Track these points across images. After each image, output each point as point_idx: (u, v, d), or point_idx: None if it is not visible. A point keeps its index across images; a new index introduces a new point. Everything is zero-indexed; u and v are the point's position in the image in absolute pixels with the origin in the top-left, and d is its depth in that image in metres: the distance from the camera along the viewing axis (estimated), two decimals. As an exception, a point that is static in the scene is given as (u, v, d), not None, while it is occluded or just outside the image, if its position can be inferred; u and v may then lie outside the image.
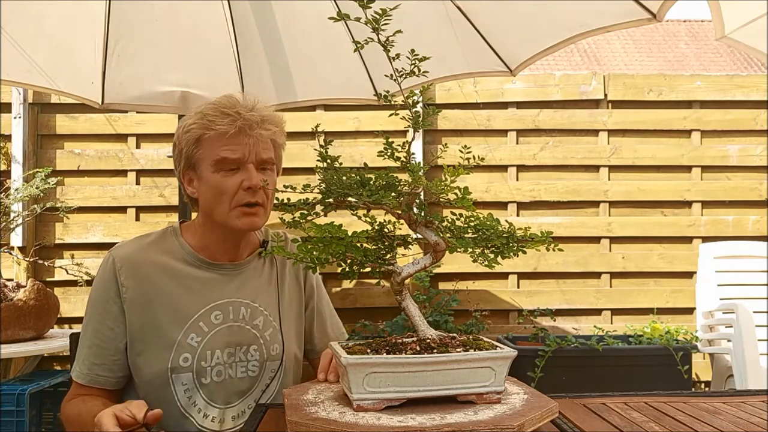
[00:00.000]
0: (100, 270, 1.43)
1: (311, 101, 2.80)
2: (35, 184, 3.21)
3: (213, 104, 1.41)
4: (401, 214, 1.05)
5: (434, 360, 0.96)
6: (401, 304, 1.09)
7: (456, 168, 1.04)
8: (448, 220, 1.06)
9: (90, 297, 1.44)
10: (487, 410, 0.95)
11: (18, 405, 2.64)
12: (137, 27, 2.40)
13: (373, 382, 0.95)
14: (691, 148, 3.78)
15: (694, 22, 13.23)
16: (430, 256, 1.07)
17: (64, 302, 3.39)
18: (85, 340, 1.42)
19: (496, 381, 0.99)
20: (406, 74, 1.04)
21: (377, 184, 1.03)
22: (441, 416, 0.92)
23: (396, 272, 1.07)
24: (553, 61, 11.12)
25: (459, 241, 1.01)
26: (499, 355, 1.00)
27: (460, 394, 0.98)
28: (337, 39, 2.42)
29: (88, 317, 1.43)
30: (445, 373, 0.97)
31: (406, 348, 1.01)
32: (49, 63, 2.31)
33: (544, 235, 1.04)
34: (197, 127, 1.40)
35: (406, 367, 0.96)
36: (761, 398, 1.16)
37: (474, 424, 0.89)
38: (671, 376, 3.05)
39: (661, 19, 1.81)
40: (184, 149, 1.42)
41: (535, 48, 2.16)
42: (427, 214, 1.05)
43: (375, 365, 0.95)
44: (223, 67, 2.58)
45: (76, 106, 3.55)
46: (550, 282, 3.72)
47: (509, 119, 3.76)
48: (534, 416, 0.94)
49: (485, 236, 1.03)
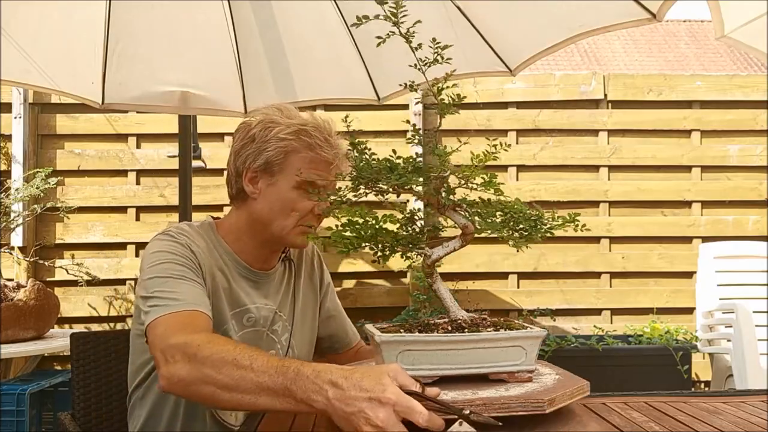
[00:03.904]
0: (170, 242, 1.34)
1: (311, 101, 2.80)
2: (35, 184, 3.21)
3: (315, 125, 1.41)
4: (429, 198, 1.07)
5: (466, 338, 0.98)
6: (432, 286, 1.11)
7: (485, 154, 1.07)
8: (477, 203, 1.08)
9: (161, 256, 1.31)
10: (519, 387, 0.97)
11: (18, 405, 2.65)
12: (137, 27, 2.40)
13: (406, 359, 0.97)
14: (691, 148, 3.78)
15: (694, 22, 13.23)
16: (459, 239, 1.09)
17: (64, 302, 3.39)
18: (175, 285, 1.26)
19: (527, 360, 1.01)
20: (430, 63, 1.07)
21: (406, 169, 1.05)
22: (473, 392, 0.94)
23: (427, 255, 1.09)
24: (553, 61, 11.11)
25: (488, 223, 1.03)
26: (530, 334, 1.02)
27: (492, 372, 1.00)
28: (337, 39, 2.42)
29: (167, 269, 1.29)
30: (476, 351, 0.98)
31: (438, 328, 1.03)
32: (49, 63, 2.31)
33: (571, 217, 1.06)
34: (297, 142, 1.38)
35: (438, 345, 0.97)
36: (761, 398, 1.16)
37: (505, 398, 0.90)
38: (671, 376, 3.05)
39: (661, 19, 1.81)
40: (270, 153, 1.38)
41: (535, 48, 2.17)
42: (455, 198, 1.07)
43: (408, 343, 0.97)
44: (223, 67, 2.58)
45: (77, 106, 3.55)
46: (550, 282, 3.72)
47: (509, 119, 3.76)
48: (565, 392, 0.95)
49: (513, 219, 1.05)
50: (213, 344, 1.08)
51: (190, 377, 1.06)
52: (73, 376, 1.62)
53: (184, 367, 1.07)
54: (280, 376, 0.97)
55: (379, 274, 3.70)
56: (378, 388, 0.87)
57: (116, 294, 3.67)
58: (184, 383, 1.07)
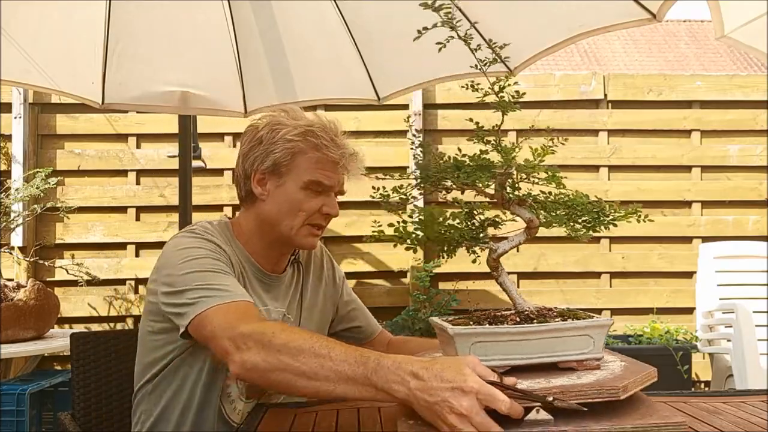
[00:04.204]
0: (200, 239, 1.35)
1: (311, 101, 2.80)
2: (35, 184, 3.21)
3: (321, 125, 1.42)
4: (494, 194, 1.11)
5: (536, 329, 1.01)
6: (497, 280, 1.15)
7: (543, 148, 1.13)
8: (540, 197, 1.13)
9: (194, 252, 1.31)
10: (589, 375, 0.99)
11: (18, 405, 2.65)
12: (137, 27, 2.40)
13: (478, 350, 1.00)
14: (691, 148, 3.78)
15: (694, 22, 13.22)
16: (524, 232, 1.12)
17: (64, 302, 3.39)
18: (218, 278, 1.27)
19: (594, 348, 1.03)
20: (490, 62, 1.12)
21: (471, 166, 1.10)
22: (546, 380, 0.96)
23: (492, 249, 1.12)
24: (553, 61, 11.10)
25: (554, 216, 1.07)
26: (597, 323, 1.04)
27: (561, 361, 1.02)
28: (337, 39, 2.42)
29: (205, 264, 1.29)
30: (546, 341, 1.01)
31: (506, 319, 1.06)
32: (49, 63, 2.31)
33: (633, 209, 1.10)
34: (303, 143, 1.40)
35: (509, 335, 1.01)
36: (761, 398, 1.16)
37: (580, 386, 0.92)
38: (671, 376, 3.05)
39: (660, 19, 1.81)
40: (278, 155, 1.40)
41: (535, 48, 2.17)
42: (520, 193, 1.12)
43: (480, 335, 1.01)
44: (223, 67, 2.58)
45: (77, 106, 3.55)
46: (550, 282, 3.72)
47: (509, 119, 3.75)
48: (636, 379, 0.97)
49: (577, 212, 1.09)
50: (287, 332, 1.10)
51: (265, 364, 1.07)
52: (73, 376, 1.62)
53: (259, 354, 1.08)
54: (360, 366, 0.99)
55: (379, 274, 3.70)
56: (460, 378, 0.90)
57: (116, 294, 3.67)
58: (259, 370, 1.08)
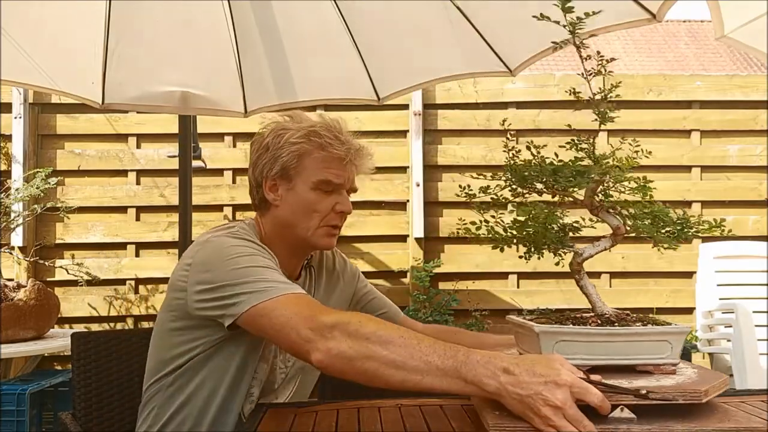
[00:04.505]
0: (244, 240, 1.37)
1: (311, 101, 2.80)
2: (36, 184, 3.21)
3: (324, 125, 1.44)
4: (584, 200, 1.16)
5: (619, 332, 1.05)
6: (579, 283, 1.19)
7: (629, 159, 1.18)
8: (628, 208, 1.19)
9: (242, 249, 1.32)
10: (668, 379, 1.02)
11: (18, 405, 2.65)
12: (137, 27, 2.40)
13: (562, 349, 1.04)
14: (691, 148, 3.78)
15: (694, 22, 13.22)
16: (609, 238, 1.17)
17: (64, 302, 3.39)
18: (274, 273, 1.29)
19: (672, 354, 1.06)
20: (595, 73, 1.17)
21: (570, 172, 1.15)
22: (628, 381, 0.99)
23: (577, 253, 1.18)
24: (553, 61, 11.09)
25: (642, 225, 1.13)
26: (676, 330, 1.08)
27: (640, 364, 1.06)
28: (337, 39, 2.42)
29: (257, 260, 1.30)
30: (627, 344, 1.05)
31: (588, 321, 1.10)
32: (49, 63, 2.31)
33: (717, 222, 1.15)
34: (308, 144, 1.41)
35: (593, 337, 1.05)
36: (761, 398, 1.16)
37: (665, 388, 0.95)
38: (671, 376, 3.05)
39: (660, 19, 1.81)
40: (285, 159, 1.41)
41: (535, 48, 2.17)
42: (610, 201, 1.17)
43: (565, 334, 1.05)
44: (223, 67, 2.58)
45: (77, 106, 3.56)
46: (550, 282, 3.72)
47: (509, 119, 3.76)
48: (714, 385, 0.99)
49: (662, 222, 1.14)
50: (372, 323, 1.12)
51: (352, 351, 1.09)
52: (74, 376, 1.62)
53: (346, 342, 1.09)
54: (449, 359, 1.01)
55: (379, 274, 3.69)
56: (553, 372, 0.94)
57: (116, 294, 3.68)
58: (346, 357, 1.09)
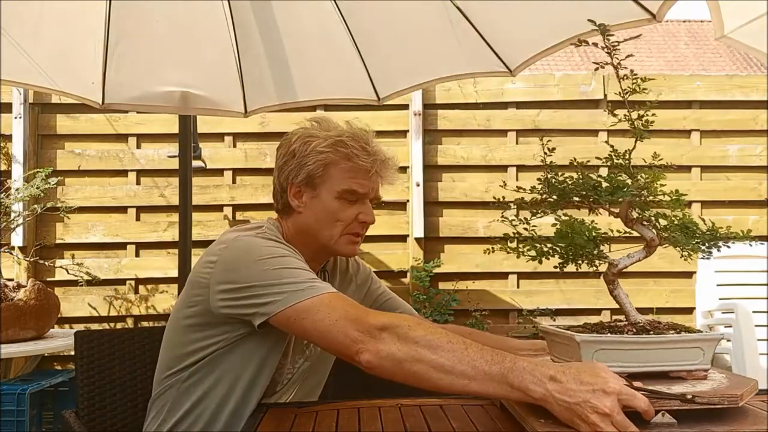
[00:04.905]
0: (275, 242, 1.38)
1: (311, 101, 2.80)
2: (36, 184, 3.21)
3: (351, 134, 1.45)
4: (618, 213, 1.21)
5: (655, 340, 1.10)
6: (613, 293, 1.23)
7: (656, 172, 1.24)
8: (661, 219, 1.23)
9: (274, 251, 1.33)
10: (702, 384, 1.06)
11: (18, 405, 2.65)
12: (137, 27, 2.40)
13: (601, 357, 1.07)
14: (691, 148, 3.78)
15: (694, 22, 13.23)
16: (644, 250, 1.22)
17: (64, 302, 3.39)
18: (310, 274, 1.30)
19: (704, 360, 1.10)
20: (631, 91, 1.21)
21: (610, 187, 1.22)
22: (667, 387, 1.03)
23: (612, 264, 1.23)
24: (553, 61, 11.10)
25: (678, 237, 1.17)
26: (708, 337, 1.12)
27: (674, 370, 1.10)
28: (337, 39, 2.42)
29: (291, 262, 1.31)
30: (661, 351, 1.09)
31: (623, 330, 1.14)
32: (49, 63, 2.31)
33: (744, 233, 1.17)
34: (334, 154, 1.42)
35: (631, 345, 1.09)
36: (761, 398, 1.16)
37: (701, 393, 1.00)
38: (671, 376, 3.05)
39: (660, 19, 1.81)
40: (311, 167, 1.43)
41: (535, 48, 2.17)
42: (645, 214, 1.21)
43: (605, 343, 1.09)
44: (223, 67, 2.58)
45: (77, 106, 3.56)
46: (550, 282, 3.72)
47: (509, 119, 3.76)
48: (748, 389, 1.03)
49: (693, 234, 1.19)
50: (421, 326, 1.15)
51: (401, 353, 1.11)
52: (78, 375, 1.63)
53: (395, 344, 1.12)
54: (496, 365, 1.05)
55: (379, 274, 3.64)
56: (600, 381, 0.97)
57: (116, 294, 3.68)
58: (395, 359, 1.12)
